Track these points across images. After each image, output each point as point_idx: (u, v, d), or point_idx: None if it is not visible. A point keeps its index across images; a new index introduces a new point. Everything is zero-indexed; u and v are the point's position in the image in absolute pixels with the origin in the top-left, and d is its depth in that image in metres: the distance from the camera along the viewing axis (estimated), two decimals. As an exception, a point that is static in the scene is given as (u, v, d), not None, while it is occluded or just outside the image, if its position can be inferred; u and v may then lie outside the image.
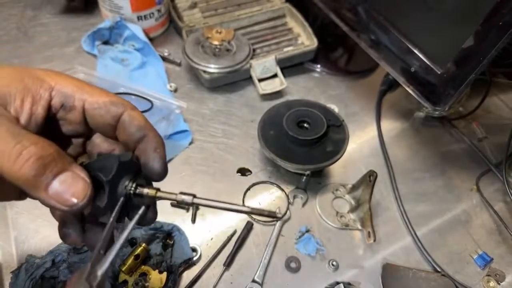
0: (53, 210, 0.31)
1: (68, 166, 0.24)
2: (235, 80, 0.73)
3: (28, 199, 0.51)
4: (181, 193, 0.29)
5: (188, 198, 0.28)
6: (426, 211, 0.60)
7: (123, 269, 0.47)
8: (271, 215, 0.27)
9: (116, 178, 0.27)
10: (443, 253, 0.55)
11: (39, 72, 0.28)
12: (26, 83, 0.27)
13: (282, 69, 0.73)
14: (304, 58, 0.76)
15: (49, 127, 0.29)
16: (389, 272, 0.52)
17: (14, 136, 0.23)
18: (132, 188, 0.28)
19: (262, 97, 0.72)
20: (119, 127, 0.30)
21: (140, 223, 0.31)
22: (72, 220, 0.30)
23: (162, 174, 0.30)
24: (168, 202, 0.56)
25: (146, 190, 0.28)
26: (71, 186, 0.24)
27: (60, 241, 0.48)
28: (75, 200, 0.24)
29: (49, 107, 0.28)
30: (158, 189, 0.29)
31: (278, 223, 0.56)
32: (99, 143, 0.32)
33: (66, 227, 0.30)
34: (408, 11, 0.59)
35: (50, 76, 0.28)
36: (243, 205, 0.29)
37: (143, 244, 0.49)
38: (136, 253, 0.48)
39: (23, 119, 0.26)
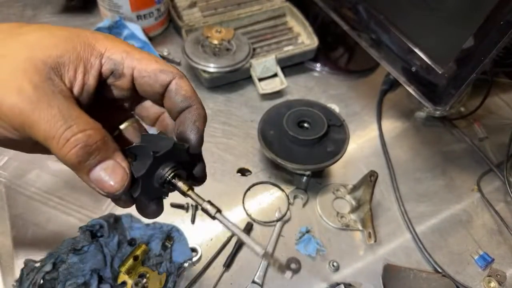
0: None
1: (111, 155, 0.26)
2: (235, 80, 0.73)
3: (27, 202, 0.50)
4: (209, 201, 0.29)
5: (212, 210, 0.29)
6: (427, 211, 0.60)
7: (123, 269, 0.47)
8: (281, 269, 0.27)
9: (152, 168, 0.27)
10: (444, 254, 0.55)
11: (89, 36, 0.28)
12: (78, 52, 0.27)
13: (282, 69, 0.73)
14: (304, 57, 0.76)
15: (100, 92, 0.29)
16: (390, 272, 0.52)
17: (65, 119, 0.24)
18: (169, 177, 0.28)
19: (262, 97, 0.71)
20: (166, 95, 0.30)
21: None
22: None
23: (196, 146, 0.30)
24: (168, 202, 0.55)
25: (180, 183, 0.29)
26: (111, 175, 0.26)
27: (60, 242, 0.48)
28: (113, 188, 0.26)
29: (100, 75, 0.28)
30: (191, 188, 0.29)
31: (278, 224, 0.55)
32: (149, 107, 0.33)
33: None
34: (409, 10, 0.59)
35: (100, 41, 0.28)
36: (260, 245, 0.28)
37: (143, 245, 0.49)
38: (136, 253, 0.48)
39: (76, 90, 0.27)
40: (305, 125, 0.59)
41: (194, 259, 0.51)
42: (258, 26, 0.80)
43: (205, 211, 0.28)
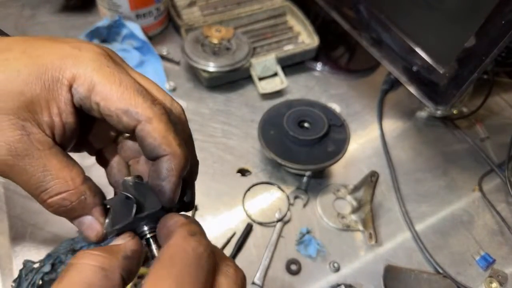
0: None
1: (89, 211, 0.26)
2: (235, 79, 0.72)
3: (25, 203, 0.50)
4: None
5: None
6: (428, 211, 0.59)
7: (122, 271, 0.47)
8: None
9: (129, 226, 0.27)
10: (445, 254, 0.55)
11: (56, 67, 0.25)
12: (47, 91, 0.25)
13: (282, 68, 0.72)
14: (304, 56, 0.76)
15: (88, 122, 0.28)
16: (390, 273, 0.52)
17: (39, 183, 0.24)
18: (147, 236, 0.27)
19: (262, 97, 0.71)
20: (136, 139, 0.27)
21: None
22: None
23: (170, 200, 0.27)
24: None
25: (154, 248, 0.27)
26: (87, 230, 0.27)
27: (58, 242, 0.48)
28: (88, 239, 0.27)
29: (75, 108, 0.26)
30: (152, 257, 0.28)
31: (279, 224, 0.55)
32: (129, 145, 0.31)
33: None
34: (410, 10, 0.59)
35: (68, 70, 0.25)
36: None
37: (142, 246, 0.49)
38: (135, 255, 0.48)
39: (57, 134, 0.25)
40: (306, 125, 0.58)
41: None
42: (258, 25, 0.79)
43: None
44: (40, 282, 0.45)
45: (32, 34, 0.77)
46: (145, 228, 0.27)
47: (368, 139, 0.68)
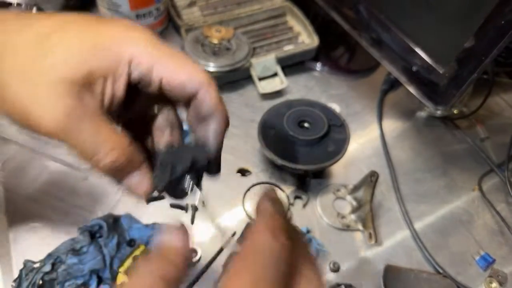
0: None
1: (136, 168, 0.29)
2: (234, 79, 0.72)
3: (26, 202, 0.50)
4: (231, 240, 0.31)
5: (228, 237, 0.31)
6: (428, 211, 0.60)
7: (122, 270, 0.47)
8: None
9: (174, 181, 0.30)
10: (445, 254, 0.55)
11: (116, 42, 0.28)
12: (107, 64, 0.27)
13: (282, 68, 0.72)
14: (304, 57, 0.76)
15: (131, 96, 0.30)
16: (390, 273, 0.52)
17: (92, 145, 0.27)
18: (190, 189, 0.31)
19: (262, 97, 0.71)
20: (192, 102, 0.30)
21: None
22: None
23: (216, 157, 0.33)
24: (168, 202, 0.55)
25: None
26: (138, 185, 0.29)
27: (59, 243, 0.48)
28: (139, 196, 0.30)
29: (129, 83, 0.28)
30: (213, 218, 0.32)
31: (279, 224, 0.55)
32: (161, 123, 0.34)
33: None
34: (409, 10, 0.59)
35: (127, 45, 0.28)
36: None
37: (142, 246, 0.49)
38: (135, 254, 0.48)
39: (106, 102, 0.28)
40: (306, 125, 0.58)
41: (194, 259, 0.51)
42: (258, 26, 0.79)
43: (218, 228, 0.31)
44: (41, 282, 0.45)
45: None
46: (187, 181, 0.31)
47: (368, 139, 0.68)
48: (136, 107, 0.33)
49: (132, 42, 0.28)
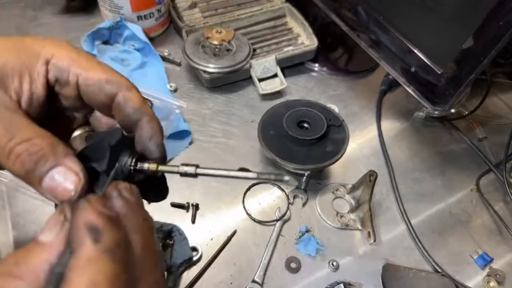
0: None
1: (60, 160, 0.24)
2: (235, 80, 0.73)
3: (28, 201, 0.50)
4: (183, 164, 0.27)
5: (191, 169, 0.27)
6: (426, 211, 0.60)
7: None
8: (279, 178, 0.27)
9: (112, 162, 0.26)
10: (443, 253, 0.55)
11: (34, 43, 0.27)
12: (23, 60, 0.26)
13: (282, 69, 0.73)
14: (304, 58, 0.76)
15: (51, 101, 0.28)
16: (389, 272, 0.52)
17: (7, 131, 0.23)
18: (132, 165, 0.27)
19: (262, 97, 0.72)
20: (114, 107, 0.29)
21: (152, 199, 0.31)
22: None
23: (162, 158, 0.29)
24: (168, 202, 0.56)
25: (146, 165, 0.27)
26: (63, 181, 0.24)
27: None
28: (66, 193, 0.24)
29: (48, 83, 0.27)
30: (158, 163, 0.28)
31: (278, 223, 0.56)
32: (100, 117, 0.31)
33: None
34: (408, 11, 0.59)
35: (47, 47, 0.27)
36: (249, 171, 0.29)
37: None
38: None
39: (23, 101, 0.26)
40: (305, 125, 0.59)
41: (195, 258, 0.51)
42: (258, 27, 0.80)
43: (184, 174, 0.27)
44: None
45: (34, 35, 0.77)
46: (126, 158, 0.27)
47: (366, 139, 0.68)
48: (58, 120, 0.30)
49: (50, 44, 0.27)
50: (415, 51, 0.58)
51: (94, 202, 0.22)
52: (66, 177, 0.24)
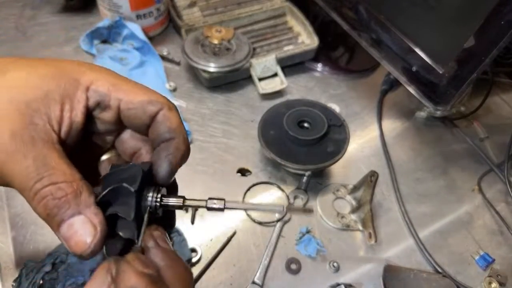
0: None
1: (82, 209, 0.24)
2: (235, 80, 0.72)
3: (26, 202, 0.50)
4: (211, 198, 0.28)
5: (219, 204, 0.27)
6: (428, 211, 0.60)
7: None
8: (308, 211, 0.28)
9: (138, 206, 0.25)
10: (444, 254, 0.55)
11: (75, 70, 0.27)
12: (63, 89, 0.26)
13: (282, 68, 0.72)
14: (304, 57, 0.76)
15: (86, 127, 0.28)
16: (390, 273, 0.52)
17: (38, 171, 0.23)
18: (158, 201, 0.27)
19: (262, 97, 0.71)
20: (152, 125, 0.29)
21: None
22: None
23: (165, 178, 0.28)
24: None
25: (172, 200, 0.27)
26: (80, 232, 0.24)
27: (58, 242, 0.48)
28: (82, 247, 0.24)
29: (87, 109, 0.27)
30: (184, 197, 0.28)
31: (279, 224, 0.55)
32: (125, 141, 0.31)
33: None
34: (409, 10, 0.59)
35: (86, 73, 0.27)
36: (277, 205, 0.29)
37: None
38: (135, 254, 0.48)
39: (63, 130, 0.26)
40: (305, 125, 0.58)
41: (194, 259, 0.51)
42: (258, 26, 0.80)
43: (212, 209, 0.28)
44: (41, 282, 0.45)
45: (32, 35, 0.77)
46: (150, 195, 0.26)
47: (367, 139, 0.68)
48: (89, 142, 0.30)
49: (92, 70, 0.27)
50: (416, 50, 0.57)
51: (134, 262, 0.22)
52: (84, 228, 0.24)
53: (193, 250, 0.51)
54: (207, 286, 0.49)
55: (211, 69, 0.67)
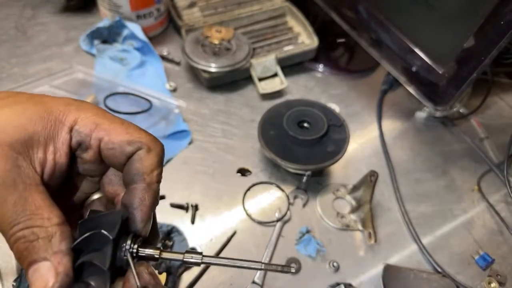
0: None
1: (49, 255, 0.24)
2: (235, 80, 0.72)
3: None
4: (188, 252, 0.27)
5: (196, 258, 0.26)
6: (428, 211, 0.60)
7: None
8: (287, 269, 0.27)
9: (114, 255, 0.25)
10: (444, 254, 0.55)
11: (61, 110, 0.27)
12: (48, 131, 0.26)
13: (282, 68, 0.72)
14: (304, 57, 0.76)
15: (70, 167, 0.28)
16: (390, 273, 0.52)
17: (16, 215, 0.23)
18: (134, 252, 0.26)
19: (262, 97, 0.71)
20: (125, 166, 0.28)
21: None
22: None
23: (140, 232, 0.27)
24: (168, 203, 0.55)
25: (149, 251, 0.26)
26: (43, 277, 0.23)
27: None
28: None
29: (70, 150, 0.27)
30: (160, 249, 0.27)
31: (279, 224, 0.55)
32: (110, 181, 0.30)
33: None
34: (409, 10, 0.59)
35: (71, 113, 0.27)
36: (256, 262, 0.27)
37: (142, 245, 0.49)
38: (135, 254, 0.48)
39: (47, 172, 0.26)
40: (305, 125, 0.59)
41: (194, 259, 0.51)
42: (258, 26, 0.80)
43: (189, 263, 0.27)
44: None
45: (32, 34, 0.77)
46: (127, 243, 0.25)
47: (367, 139, 0.68)
48: (73, 181, 0.30)
49: (77, 109, 0.27)
50: (416, 50, 0.57)
51: None
52: (48, 274, 0.23)
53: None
54: (207, 286, 0.49)
55: (211, 69, 0.67)
